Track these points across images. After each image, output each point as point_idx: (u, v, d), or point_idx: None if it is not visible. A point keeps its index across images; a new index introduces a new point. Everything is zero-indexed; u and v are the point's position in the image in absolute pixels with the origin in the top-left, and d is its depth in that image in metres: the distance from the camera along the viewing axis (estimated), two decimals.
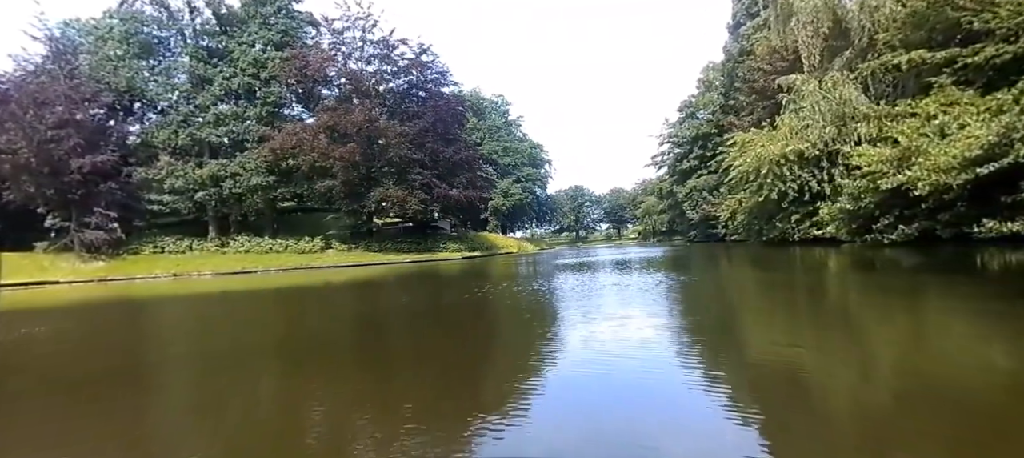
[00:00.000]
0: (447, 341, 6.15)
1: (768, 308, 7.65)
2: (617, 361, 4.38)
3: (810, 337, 5.30)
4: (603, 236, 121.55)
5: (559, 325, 6.64)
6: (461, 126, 40.28)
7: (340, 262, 31.64)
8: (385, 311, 9.67)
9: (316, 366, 5.08)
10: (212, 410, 3.80)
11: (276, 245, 34.17)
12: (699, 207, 44.03)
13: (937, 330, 5.33)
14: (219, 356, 5.81)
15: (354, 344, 6.55)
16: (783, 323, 6.34)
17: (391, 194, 32.31)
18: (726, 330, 5.96)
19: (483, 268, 22.05)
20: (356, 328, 7.85)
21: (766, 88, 26.58)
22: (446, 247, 36.41)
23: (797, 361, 4.17)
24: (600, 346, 5.02)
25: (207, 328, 8.91)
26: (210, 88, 35.08)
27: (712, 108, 44.69)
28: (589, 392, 3.60)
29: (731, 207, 28.24)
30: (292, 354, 5.85)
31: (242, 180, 33.45)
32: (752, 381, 3.71)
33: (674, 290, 9.50)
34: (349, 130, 32.95)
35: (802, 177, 20.42)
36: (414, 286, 15.27)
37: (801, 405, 3.19)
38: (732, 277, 12.21)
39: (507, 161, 69.85)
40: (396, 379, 4.39)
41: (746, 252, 21.84)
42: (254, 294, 15.54)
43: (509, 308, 8.58)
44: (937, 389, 3.25)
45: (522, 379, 4.03)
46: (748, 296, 9.16)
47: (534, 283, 12.74)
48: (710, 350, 4.82)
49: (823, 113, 19.17)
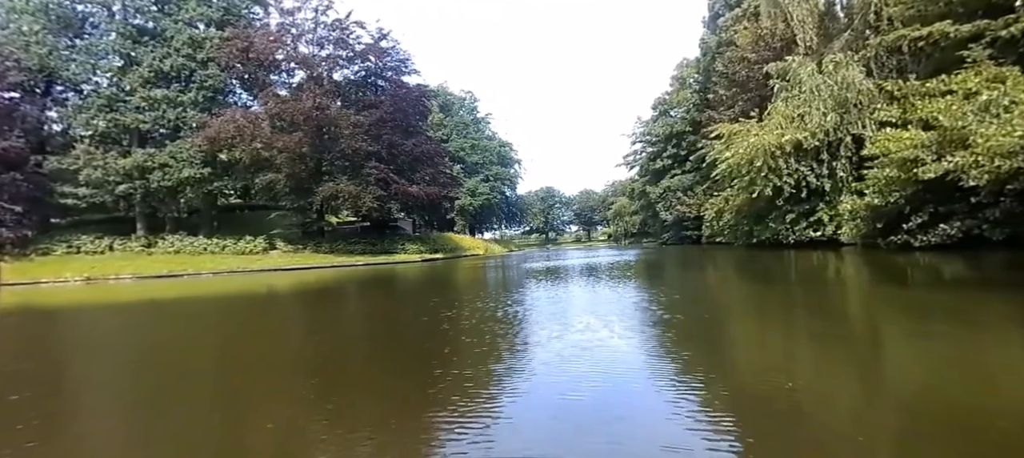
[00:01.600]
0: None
1: (812, 364, 5.26)
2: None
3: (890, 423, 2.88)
4: (573, 238, 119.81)
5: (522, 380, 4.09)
6: (423, 118, 37.38)
7: (283, 264, 28.41)
8: (282, 340, 6.96)
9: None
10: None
11: (212, 245, 30.63)
12: (673, 208, 42.30)
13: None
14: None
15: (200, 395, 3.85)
16: (846, 392, 3.92)
17: (342, 190, 29.19)
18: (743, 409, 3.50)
19: (442, 275, 19.37)
20: (216, 372, 5.12)
21: (749, 79, 24.81)
22: (405, 249, 33.48)
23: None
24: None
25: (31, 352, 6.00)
26: (138, 69, 31.28)
27: (687, 105, 43.05)
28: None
29: (716, 206, 25.79)
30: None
31: (172, 172, 29.76)
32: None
33: (656, 321, 7.07)
34: (297, 118, 29.73)
35: (799, 171, 18.41)
36: (347, 299, 12.54)
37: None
38: (729, 298, 9.86)
39: (475, 159, 67.09)
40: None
41: (733, 257, 19.30)
42: (157, 306, 12.61)
43: (458, 352, 6.00)
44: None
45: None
46: (763, 335, 6.01)
47: (493, 301, 10.18)
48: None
49: (823, 99, 17.24)
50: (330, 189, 29.25)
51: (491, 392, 3.69)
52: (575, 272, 14.78)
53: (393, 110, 32.46)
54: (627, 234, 70.91)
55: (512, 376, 4.11)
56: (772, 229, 20.82)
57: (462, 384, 3.91)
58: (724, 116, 28.54)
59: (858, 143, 17.36)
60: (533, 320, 6.75)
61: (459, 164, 65.40)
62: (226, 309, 11.34)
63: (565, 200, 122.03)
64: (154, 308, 12.22)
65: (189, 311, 11.27)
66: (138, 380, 4.93)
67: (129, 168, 29.43)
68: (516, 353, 4.94)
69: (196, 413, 3.73)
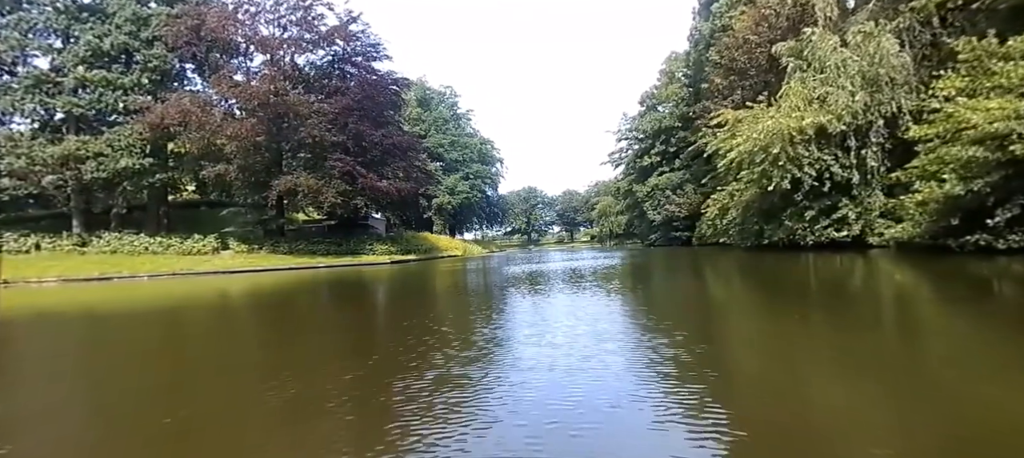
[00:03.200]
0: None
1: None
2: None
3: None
4: (555, 239, 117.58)
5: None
6: (396, 109, 34.53)
7: (234, 266, 25.40)
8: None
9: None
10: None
11: (154, 244, 27.44)
12: (662, 207, 40.14)
13: None
14: None
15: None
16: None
17: (302, 184, 26.26)
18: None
19: (406, 281, 16.72)
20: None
21: (750, 65, 22.70)
22: (373, 249, 30.62)
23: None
24: None
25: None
26: (73, 47, 28.00)
27: (676, 100, 40.99)
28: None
29: (719, 202, 23.09)
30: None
31: (108, 162, 26.51)
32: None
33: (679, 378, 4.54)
34: (251, 104, 26.75)
35: (822, 160, 16.15)
36: (277, 316, 9.89)
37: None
38: (783, 337, 7.29)
39: (454, 156, 64.25)
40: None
41: (742, 263, 15.89)
42: (43, 320, 9.77)
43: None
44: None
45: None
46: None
47: (452, 322, 7.63)
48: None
49: (850, 75, 15.04)
50: (287, 183, 26.28)
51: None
52: (557, 280, 12.29)
53: (361, 97, 29.62)
54: (612, 235, 68.74)
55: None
56: (787, 228, 18.19)
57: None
58: (720, 107, 26.41)
59: (892, 126, 15.22)
60: (498, 358, 4.23)
61: (438, 162, 62.56)
62: (122, 326, 8.60)
63: (547, 200, 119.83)
64: (35, 324, 9.43)
65: (75, 329, 8.53)
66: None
67: (58, 157, 26.11)
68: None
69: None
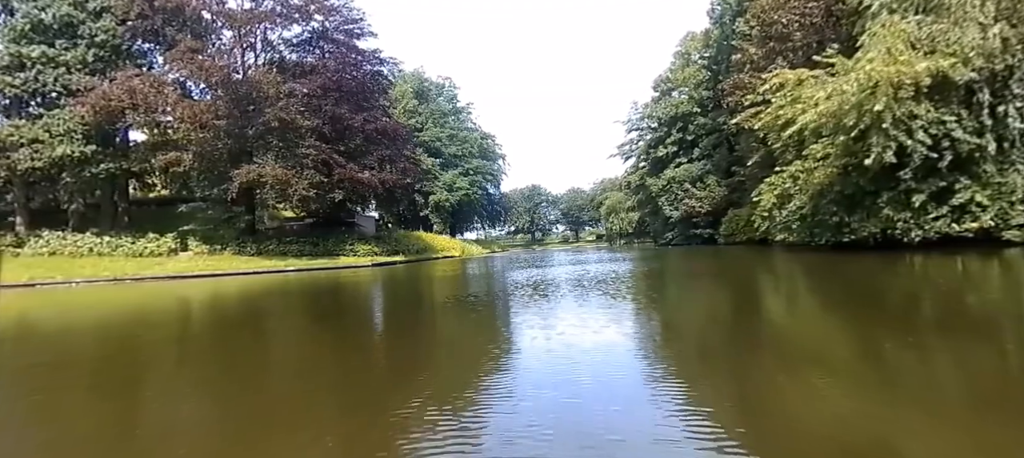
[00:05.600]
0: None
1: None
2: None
3: None
4: (560, 238, 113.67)
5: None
6: (382, 92, 30.78)
7: (190, 270, 21.78)
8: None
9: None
10: None
11: (102, 245, 23.84)
12: (679, 202, 36.24)
13: None
14: None
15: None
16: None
17: (268, 174, 22.56)
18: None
19: (385, 287, 13.03)
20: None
21: (795, 27, 18.88)
22: (354, 250, 26.90)
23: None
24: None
25: None
26: (11, 21, 24.48)
27: (693, 83, 37.10)
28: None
29: (778, 187, 17.56)
30: None
31: (44, 150, 22.92)
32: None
33: None
34: (211, 81, 23.11)
35: (941, 124, 11.65)
36: (194, 350, 6.16)
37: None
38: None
39: (453, 151, 60.39)
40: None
41: (834, 272, 10.42)
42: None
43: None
44: None
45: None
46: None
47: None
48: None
49: (981, 1, 11.05)
50: (251, 173, 22.56)
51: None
52: (575, 292, 8.53)
53: (339, 76, 25.92)
54: (622, 234, 64.66)
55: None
56: (883, 219, 13.13)
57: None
58: (756, 80, 22.59)
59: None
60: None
61: (436, 157, 58.81)
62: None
63: (552, 199, 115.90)
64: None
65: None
66: None
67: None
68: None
69: None
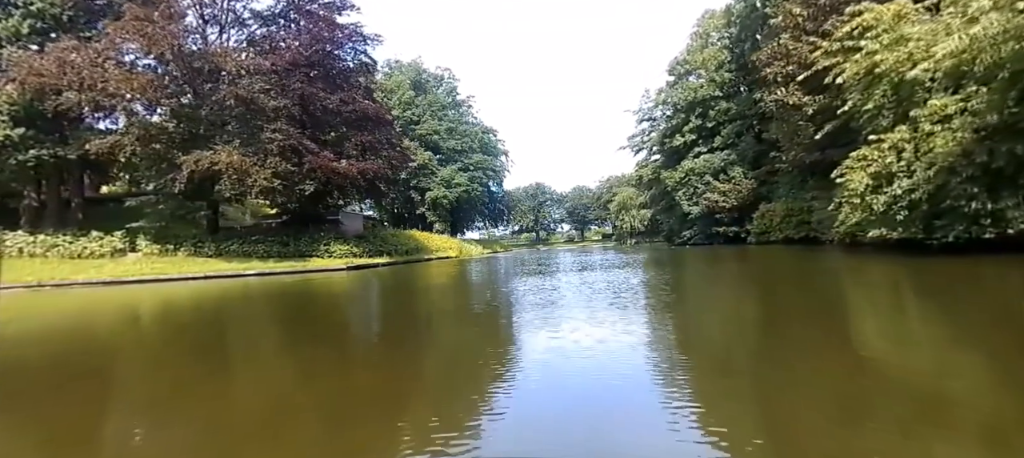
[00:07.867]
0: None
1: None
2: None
3: None
4: (565, 238, 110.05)
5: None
6: (363, 71, 27.22)
7: (135, 274, 18.41)
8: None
9: None
10: None
11: (33, 245, 20.50)
12: (700, 197, 32.56)
13: None
14: None
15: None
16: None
17: (221, 161, 19.08)
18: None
19: (353, 300, 9.60)
20: None
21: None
22: (329, 251, 23.41)
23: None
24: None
25: None
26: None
27: (714, 64, 33.37)
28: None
29: (876, 163, 11.65)
30: None
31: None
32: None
33: None
34: (157, 50, 19.67)
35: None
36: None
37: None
38: None
39: (452, 145, 56.84)
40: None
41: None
42: None
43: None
44: None
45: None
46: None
47: None
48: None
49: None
50: (202, 160, 19.07)
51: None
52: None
53: (310, 50, 22.44)
54: (632, 233, 60.76)
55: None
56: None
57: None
58: (799, 48, 19.01)
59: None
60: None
61: (434, 151, 55.35)
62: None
63: (556, 197, 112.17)
64: None
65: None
66: None
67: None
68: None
69: None
